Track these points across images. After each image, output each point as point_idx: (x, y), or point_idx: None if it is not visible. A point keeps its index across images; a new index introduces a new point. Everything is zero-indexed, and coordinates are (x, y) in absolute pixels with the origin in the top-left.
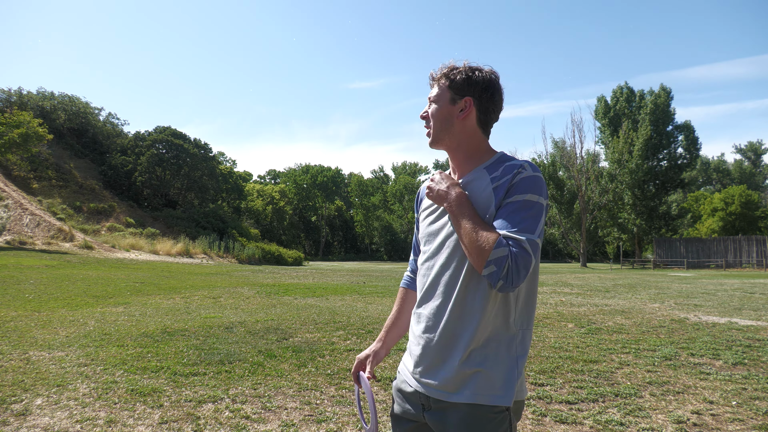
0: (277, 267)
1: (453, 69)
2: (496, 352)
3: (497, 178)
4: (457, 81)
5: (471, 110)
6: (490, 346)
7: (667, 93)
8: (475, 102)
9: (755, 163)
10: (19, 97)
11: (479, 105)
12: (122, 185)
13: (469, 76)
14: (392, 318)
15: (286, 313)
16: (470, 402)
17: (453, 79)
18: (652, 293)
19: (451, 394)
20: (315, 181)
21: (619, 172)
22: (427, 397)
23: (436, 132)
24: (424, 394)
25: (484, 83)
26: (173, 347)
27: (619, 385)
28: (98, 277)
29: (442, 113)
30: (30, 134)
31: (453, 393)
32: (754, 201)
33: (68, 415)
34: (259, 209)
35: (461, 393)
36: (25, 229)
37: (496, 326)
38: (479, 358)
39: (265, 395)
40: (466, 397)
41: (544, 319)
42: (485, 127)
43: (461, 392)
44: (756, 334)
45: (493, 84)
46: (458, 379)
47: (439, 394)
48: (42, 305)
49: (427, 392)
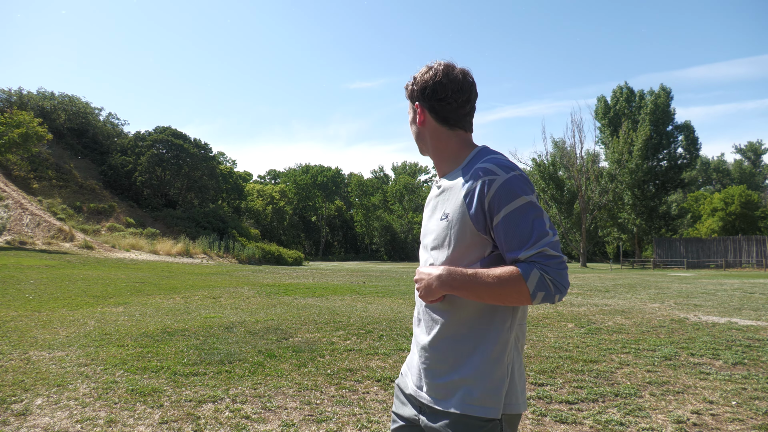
0: (277, 267)
1: (408, 83)
2: (489, 361)
3: (466, 182)
4: (408, 92)
5: (423, 114)
6: (484, 354)
7: (667, 93)
8: (425, 105)
9: (755, 163)
10: (19, 97)
11: (428, 106)
12: (122, 185)
13: (410, 84)
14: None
15: (286, 313)
16: (458, 411)
17: (407, 91)
18: (652, 293)
19: (441, 401)
20: (315, 181)
21: (619, 172)
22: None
23: (419, 146)
24: (419, 398)
25: (422, 85)
26: (173, 347)
27: (619, 385)
28: (98, 277)
29: (412, 127)
30: (30, 134)
31: (442, 400)
32: (754, 201)
33: (68, 415)
34: (259, 209)
35: (449, 401)
36: (25, 229)
37: (490, 334)
38: (472, 366)
39: (265, 395)
40: (454, 405)
41: (544, 319)
42: (448, 123)
43: (449, 400)
44: (756, 334)
45: (432, 81)
46: (449, 386)
47: (430, 400)
48: (42, 305)
49: (421, 397)
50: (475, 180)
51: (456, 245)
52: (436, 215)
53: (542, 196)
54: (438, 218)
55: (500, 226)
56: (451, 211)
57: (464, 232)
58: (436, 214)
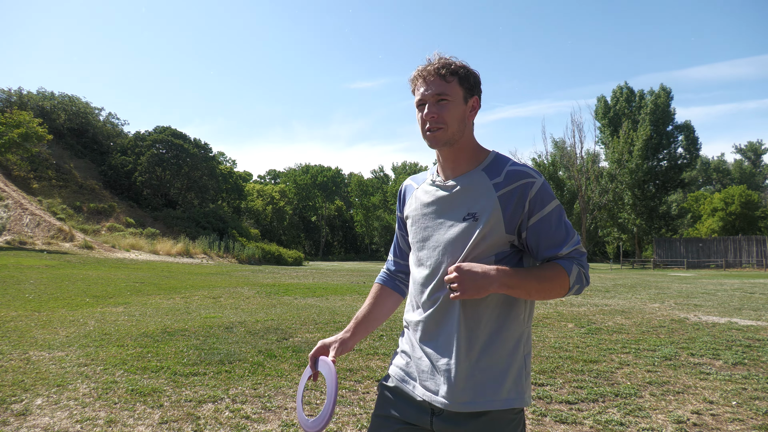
0: (277, 267)
1: (460, 66)
2: (509, 354)
3: (501, 184)
4: (468, 80)
5: (477, 110)
6: (505, 348)
7: (667, 93)
8: (479, 101)
9: (755, 163)
10: (19, 97)
11: (479, 105)
12: (122, 185)
13: (475, 75)
14: (364, 312)
15: (286, 313)
16: (491, 408)
17: (464, 77)
18: (652, 293)
19: (469, 403)
20: (315, 181)
21: (619, 172)
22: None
23: (452, 133)
24: (432, 402)
25: (477, 76)
26: (173, 347)
27: (619, 385)
28: (98, 277)
29: (459, 113)
30: (30, 134)
31: (470, 402)
32: (754, 201)
33: (68, 415)
34: (259, 209)
35: (479, 401)
36: (25, 229)
37: (509, 327)
38: (495, 361)
39: (265, 395)
40: (486, 403)
41: (544, 319)
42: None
43: (479, 400)
44: (756, 334)
45: (477, 75)
46: (473, 385)
47: (457, 403)
48: (42, 305)
49: (439, 401)
50: (512, 181)
51: (479, 244)
52: (452, 215)
53: None
54: (456, 218)
55: (537, 226)
56: (479, 211)
57: (493, 231)
58: (451, 213)
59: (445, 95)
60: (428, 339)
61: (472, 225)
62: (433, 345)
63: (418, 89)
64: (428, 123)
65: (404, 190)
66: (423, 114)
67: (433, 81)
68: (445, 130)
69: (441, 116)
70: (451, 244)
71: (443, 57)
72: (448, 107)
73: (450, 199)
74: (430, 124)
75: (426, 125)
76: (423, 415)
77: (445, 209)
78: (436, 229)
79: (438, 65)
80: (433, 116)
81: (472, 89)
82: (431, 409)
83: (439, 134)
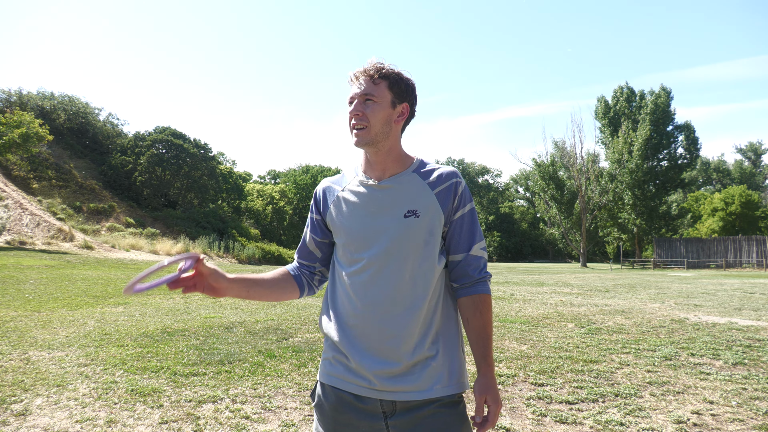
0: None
1: (391, 71)
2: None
3: (435, 184)
4: (398, 85)
5: (405, 116)
6: (449, 340)
7: (667, 93)
8: (410, 109)
9: (755, 163)
10: (19, 97)
11: (410, 112)
12: (122, 185)
13: (407, 83)
14: (256, 278)
15: (286, 313)
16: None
17: (394, 82)
18: (652, 293)
19: (423, 392)
20: (315, 182)
21: (619, 172)
22: (393, 402)
23: (375, 134)
24: (388, 401)
25: (415, 91)
26: (173, 347)
27: (619, 385)
28: (98, 277)
29: (385, 115)
30: (30, 134)
31: (424, 390)
32: (754, 201)
33: (68, 415)
34: (259, 209)
35: (431, 389)
36: (24, 229)
37: (449, 320)
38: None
39: (265, 395)
40: (437, 392)
41: (544, 319)
42: (404, 128)
43: (431, 388)
44: (756, 334)
45: (413, 84)
46: (428, 376)
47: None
48: (42, 305)
49: (396, 398)
50: (444, 181)
51: (428, 241)
52: (392, 213)
53: (542, 196)
54: (397, 215)
55: (459, 221)
56: (420, 208)
57: (435, 227)
58: (391, 211)
59: (372, 96)
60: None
61: (414, 221)
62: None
63: (350, 88)
64: (353, 120)
65: (323, 192)
66: (349, 111)
67: (363, 81)
68: (369, 129)
69: (365, 115)
70: (397, 242)
71: (379, 62)
72: (373, 108)
73: (387, 198)
74: (354, 121)
75: (351, 122)
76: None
77: (384, 208)
78: (375, 228)
79: (370, 68)
80: (357, 114)
81: (402, 95)
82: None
83: (363, 133)
